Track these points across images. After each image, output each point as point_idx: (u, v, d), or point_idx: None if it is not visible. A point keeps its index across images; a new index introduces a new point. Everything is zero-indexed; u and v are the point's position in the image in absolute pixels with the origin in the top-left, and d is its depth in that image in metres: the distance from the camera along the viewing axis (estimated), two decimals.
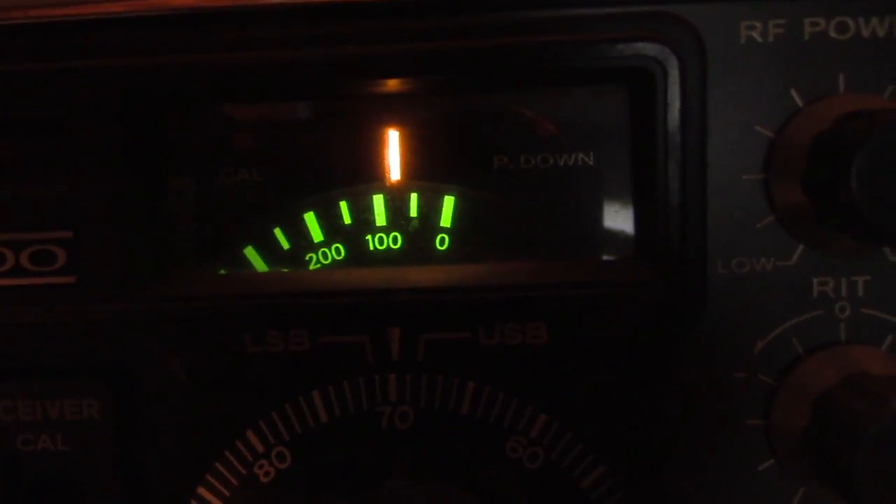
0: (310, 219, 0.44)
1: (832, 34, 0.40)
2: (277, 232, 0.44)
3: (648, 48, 0.39)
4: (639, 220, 0.42)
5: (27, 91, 0.40)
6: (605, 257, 0.44)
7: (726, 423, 0.42)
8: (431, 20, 0.40)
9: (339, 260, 0.44)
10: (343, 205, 0.44)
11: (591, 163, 0.43)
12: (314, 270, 0.44)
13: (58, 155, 0.41)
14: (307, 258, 0.44)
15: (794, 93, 0.40)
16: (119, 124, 0.40)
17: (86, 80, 0.40)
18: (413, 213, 0.44)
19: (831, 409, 0.39)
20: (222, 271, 0.44)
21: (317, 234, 0.44)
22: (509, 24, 0.40)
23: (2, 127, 0.41)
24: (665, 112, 0.40)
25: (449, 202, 0.44)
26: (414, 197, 0.44)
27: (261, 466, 0.42)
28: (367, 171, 0.44)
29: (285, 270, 0.44)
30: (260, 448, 0.42)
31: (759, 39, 0.40)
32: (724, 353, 0.42)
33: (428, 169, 0.44)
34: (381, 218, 0.44)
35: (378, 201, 0.44)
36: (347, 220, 0.44)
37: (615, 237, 0.43)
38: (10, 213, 0.41)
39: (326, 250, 0.44)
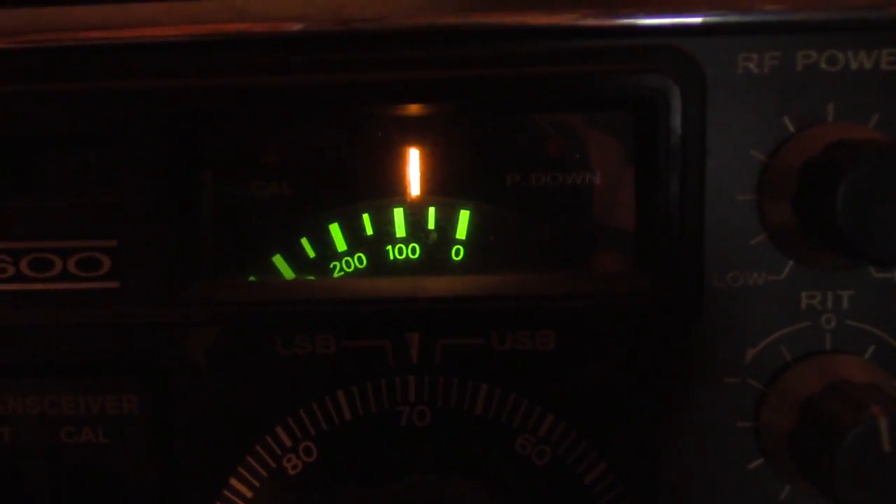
0: (335, 230, 0.45)
1: (823, 66, 0.41)
2: (304, 242, 0.45)
3: (652, 79, 0.40)
4: (641, 236, 0.43)
5: (76, 108, 0.41)
6: (609, 270, 0.45)
7: (719, 425, 0.43)
8: (452, 50, 0.41)
9: (361, 268, 0.46)
10: (366, 217, 0.45)
11: (598, 181, 0.44)
12: (339, 278, 0.45)
13: (104, 168, 0.43)
14: (331, 266, 0.46)
15: (786, 120, 0.42)
16: (161, 141, 0.41)
17: (130, 99, 0.41)
18: (431, 225, 0.46)
19: (816, 414, 0.40)
20: (252, 278, 0.45)
21: (341, 244, 0.46)
22: (521, 55, 0.41)
23: (53, 142, 0.43)
24: (667, 137, 0.41)
25: (465, 216, 0.45)
26: (432, 211, 0.45)
27: (289, 460, 0.43)
28: (389, 187, 0.45)
29: (311, 278, 0.45)
30: (288, 443, 0.43)
31: (755, 70, 0.41)
32: (718, 360, 0.43)
33: (445, 185, 0.45)
34: (401, 230, 0.46)
35: (398, 214, 0.45)
36: (370, 231, 0.45)
37: (619, 251, 0.45)
38: (59, 222, 0.42)
39: (350, 259, 0.46)
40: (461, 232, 0.46)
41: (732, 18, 0.41)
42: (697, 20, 0.41)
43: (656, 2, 0.42)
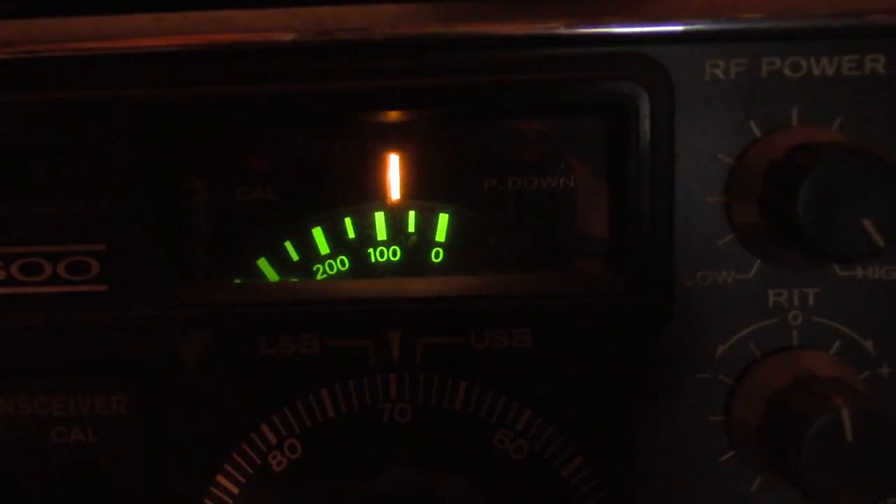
0: (317, 233, 0.46)
1: (786, 72, 0.43)
2: (288, 245, 0.46)
3: (622, 85, 0.41)
4: (613, 237, 0.44)
5: (65, 116, 0.42)
6: (583, 270, 0.46)
7: (691, 419, 0.44)
8: (430, 58, 0.43)
9: (343, 271, 0.46)
10: (348, 221, 0.46)
11: (572, 185, 0.45)
12: (321, 280, 0.46)
13: (92, 175, 0.44)
14: (314, 269, 0.47)
15: (752, 124, 0.43)
16: (148, 148, 0.42)
17: (118, 108, 0.42)
18: (411, 229, 0.46)
19: (782, 406, 0.41)
20: (237, 281, 0.46)
21: (324, 248, 0.46)
22: (498, 63, 0.42)
23: (42, 149, 0.44)
24: (637, 141, 0.42)
25: (443, 219, 0.46)
26: (412, 214, 0.46)
27: (274, 457, 0.44)
28: (370, 191, 0.46)
29: (295, 280, 0.46)
30: (273, 440, 0.44)
31: (722, 76, 0.43)
32: (689, 356, 0.44)
33: (425, 189, 0.46)
34: (381, 233, 0.46)
35: (379, 218, 0.46)
36: (351, 234, 0.46)
37: (592, 252, 0.45)
38: (49, 226, 0.43)
39: (332, 262, 0.46)
40: (440, 235, 0.46)
41: (699, 27, 0.42)
42: (666, 29, 0.43)
43: (627, 11, 0.43)
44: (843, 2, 0.43)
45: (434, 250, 0.47)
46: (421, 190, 0.46)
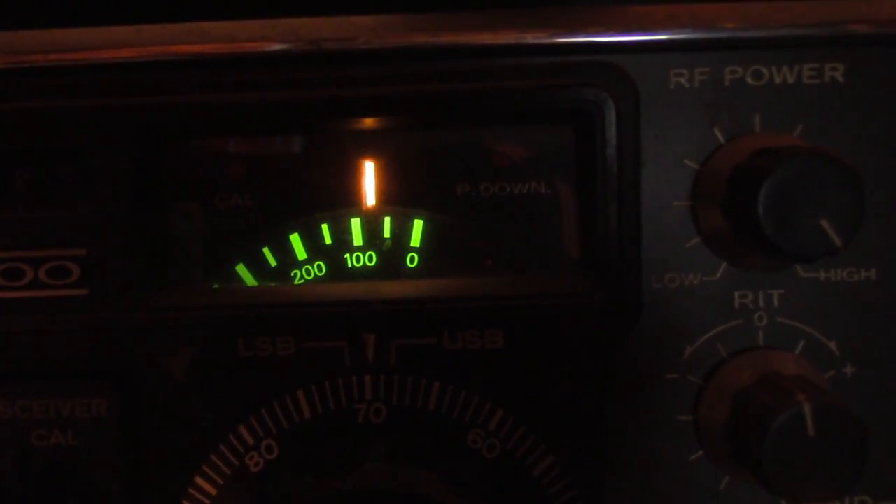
0: (295, 239, 0.47)
1: (749, 80, 0.44)
2: (266, 251, 0.47)
3: (589, 93, 0.42)
4: (583, 240, 0.45)
5: (48, 125, 0.43)
6: (553, 272, 0.46)
7: (661, 419, 0.45)
8: (403, 66, 0.44)
9: (320, 276, 0.47)
10: (324, 227, 0.47)
11: (543, 190, 0.46)
12: (299, 285, 0.47)
13: (74, 181, 0.44)
14: (292, 274, 0.47)
15: (716, 131, 0.44)
16: (128, 155, 0.43)
17: (99, 116, 0.43)
18: (386, 234, 0.47)
19: (747, 403, 0.42)
20: (216, 285, 0.47)
21: (301, 253, 0.47)
22: (470, 71, 0.43)
23: (25, 156, 0.44)
24: (604, 148, 0.43)
25: (418, 225, 0.47)
26: (387, 220, 0.47)
27: (251, 457, 0.44)
28: (346, 198, 0.47)
29: (273, 285, 0.47)
30: (251, 441, 0.44)
31: (686, 85, 0.44)
32: (657, 357, 0.45)
33: (400, 195, 0.47)
34: (358, 239, 0.47)
35: (355, 224, 0.47)
36: (328, 240, 0.47)
37: (563, 255, 0.46)
38: (30, 232, 0.44)
39: (309, 267, 0.47)
40: (415, 240, 0.47)
41: (663, 37, 0.44)
42: (631, 39, 0.44)
43: (594, 21, 0.44)
44: (803, 13, 0.45)
45: (409, 255, 0.47)
46: (396, 196, 0.47)
